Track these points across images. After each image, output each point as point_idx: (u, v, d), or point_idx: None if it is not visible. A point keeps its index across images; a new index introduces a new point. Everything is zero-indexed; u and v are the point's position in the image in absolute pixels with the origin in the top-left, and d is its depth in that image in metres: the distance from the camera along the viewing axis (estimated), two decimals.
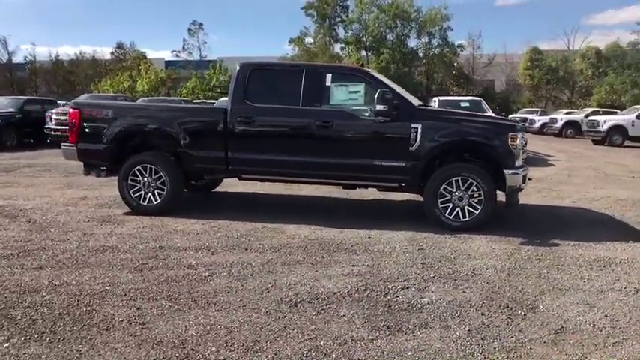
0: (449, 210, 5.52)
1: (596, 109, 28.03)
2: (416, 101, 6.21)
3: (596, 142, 20.00)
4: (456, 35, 46.05)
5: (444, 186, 5.48)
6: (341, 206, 7.09)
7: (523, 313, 3.34)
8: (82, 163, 6.36)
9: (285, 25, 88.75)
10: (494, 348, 2.86)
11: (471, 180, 5.43)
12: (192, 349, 2.78)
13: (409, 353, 2.78)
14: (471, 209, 5.49)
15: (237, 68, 5.96)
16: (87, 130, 6.07)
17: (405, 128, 5.47)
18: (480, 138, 5.50)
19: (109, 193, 7.30)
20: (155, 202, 6.00)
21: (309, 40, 43.39)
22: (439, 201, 5.52)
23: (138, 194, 6.03)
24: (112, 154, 6.05)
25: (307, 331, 3.03)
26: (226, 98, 18.43)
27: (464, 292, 3.73)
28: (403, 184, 5.70)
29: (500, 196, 5.67)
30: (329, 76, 5.70)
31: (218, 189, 7.77)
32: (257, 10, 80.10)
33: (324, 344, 2.86)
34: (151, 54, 50.05)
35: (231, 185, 7.83)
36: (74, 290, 3.61)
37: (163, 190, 5.97)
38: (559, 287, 3.86)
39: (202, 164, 5.96)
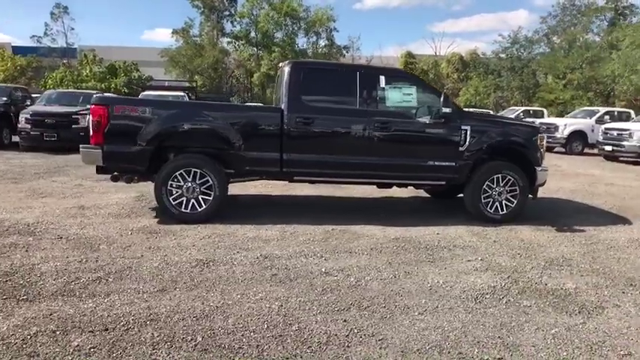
0: (489, 204, 6.07)
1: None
2: None
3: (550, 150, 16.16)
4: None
5: (487, 182, 6.01)
6: (362, 205, 7.23)
7: None
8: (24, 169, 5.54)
9: (163, 15, 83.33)
10: None
11: (509, 177, 6.04)
12: (450, 351, 2.81)
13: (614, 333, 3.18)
14: (508, 203, 6.10)
15: (288, 67, 5.74)
16: (116, 130, 5.30)
17: (456, 130, 5.86)
18: (519, 139, 6.14)
19: (102, 201, 6.52)
20: (200, 209, 5.50)
21: (194, 32, 41.46)
22: (482, 196, 6.03)
23: (178, 201, 5.47)
24: (148, 157, 5.38)
25: (541, 322, 3.25)
26: (149, 92, 17.06)
27: (597, 276, 4.24)
28: (452, 183, 6.09)
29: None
30: (382, 78, 5.81)
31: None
32: None
33: (559, 331, 3.11)
34: None
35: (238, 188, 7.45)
36: (256, 310, 3.28)
37: (209, 195, 5.50)
38: None
39: (254, 166, 5.63)
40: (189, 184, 5.44)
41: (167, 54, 39.19)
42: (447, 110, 5.60)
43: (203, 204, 5.51)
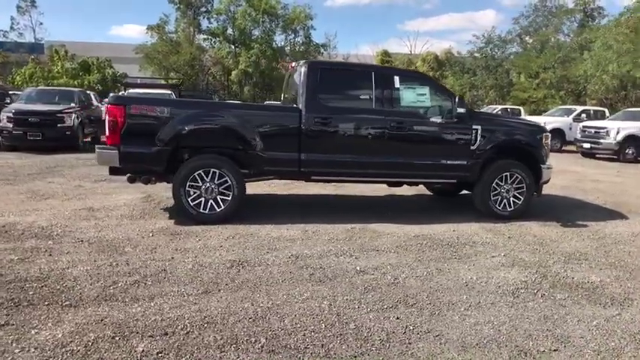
0: (498, 201, 6.25)
1: None
2: None
3: None
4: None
5: (496, 180, 6.19)
6: (369, 204, 7.30)
7: None
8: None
9: (132, 10, 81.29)
10: None
11: (517, 175, 6.23)
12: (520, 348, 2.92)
13: None
14: (515, 200, 6.30)
15: (305, 67, 5.75)
16: (134, 130, 5.21)
17: (468, 129, 6.01)
18: (526, 138, 6.34)
19: (109, 202, 6.42)
20: (219, 210, 5.47)
21: (170, 28, 40.67)
22: (492, 194, 6.21)
23: (197, 201, 5.43)
24: (166, 157, 5.31)
25: (580, 314, 3.39)
26: (135, 90, 16.80)
27: (615, 269, 4.43)
28: (463, 181, 6.24)
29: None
30: (397, 79, 5.90)
31: None
32: None
33: (600, 323, 3.26)
34: None
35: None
36: (307, 309, 3.31)
37: (227, 195, 5.48)
38: None
39: (273, 166, 5.62)
40: (208, 185, 5.40)
41: (142, 50, 38.33)
42: (462, 111, 5.73)
43: (222, 204, 5.48)
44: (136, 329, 2.97)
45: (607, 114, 18.54)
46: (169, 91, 15.22)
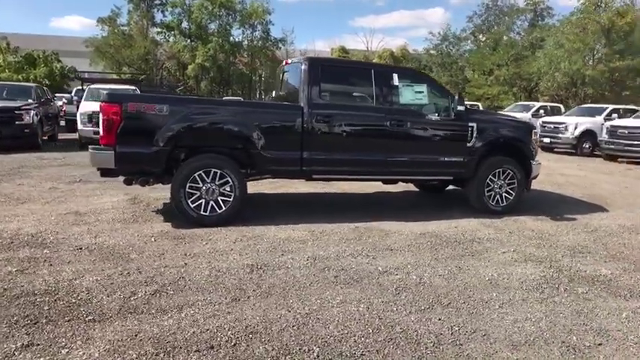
0: (491, 197, 6.39)
1: None
2: None
3: None
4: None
5: (489, 176, 6.32)
6: (360, 201, 7.27)
7: None
8: None
9: (74, 1, 77.09)
10: None
11: (509, 170, 6.39)
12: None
13: None
14: (507, 195, 6.46)
15: (305, 64, 5.62)
16: (131, 130, 4.91)
17: (464, 127, 6.10)
18: (517, 135, 6.51)
19: (94, 205, 6.04)
20: (220, 211, 5.27)
21: (122, 20, 38.98)
22: (486, 190, 6.34)
23: (196, 203, 5.20)
24: (164, 158, 5.05)
25: (607, 307, 3.49)
26: (97, 86, 15.89)
27: (618, 261, 4.61)
28: (459, 177, 6.32)
29: None
30: (395, 76, 5.89)
31: None
32: None
33: (629, 315, 3.38)
34: None
35: None
36: (347, 314, 3.22)
37: (229, 197, 5.28)
38: None
39: (276, 166, 5.47)
40: (209, 186, 5.19)
41: (93, 44, 36.56)
42: (461, 108, 5.80)
43: (223, 206, 5.28)
44: (178, 344, 2.79)
45: (562, 110, 19.47)
46: (133, 87, 14.52)
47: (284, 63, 6.60)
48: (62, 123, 17.57)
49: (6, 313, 3.09)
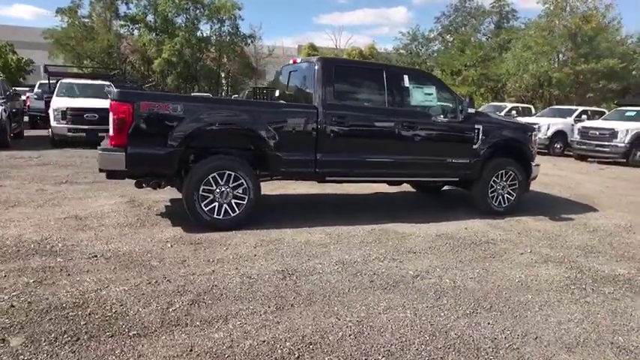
0: (494, 198, 6.52)
1: None
2: None
3: None
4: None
5: (493, 178, 6.43)
6: (360, 202, 7.26)
7: None
8: None
9: None
10: None
11: (511, 172, 6.53)
12: None
13: None
14: (509, 196, 6.60)
15: (319, 64, 5.52)
16: (144, 130, 4.68)
17: (471, 129, 6.17)
18: (519, 137, 6.65)
19: (92, 209, 5.75)
20: (233, 215, 5.12)
21: (83, 12, 37.35)
22: (489, 191, 6.45)
23: (210, 207, 5.03)
24: (177, 159, 4.85)
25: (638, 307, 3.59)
26: (69, 81, 15.19)
27: (628, 261, 4.78)
28: (465, 179, 6.39)
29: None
30: (406, 77, 5.89)
31: None
32: None
33: None
34: None
35: None
36: (397, 320, 3.18)
37: (242, 199, 5.14)
38: None
39: (291, 167, 5.35)
40: (223, 188, 5.03)
41: (52, 35, 34.90)
42: (472, 111, 5.87)
43: (236, 209, 5.13)
44: (239, 358, 2.67)
45: (533, 111, 20.14)
46: (108, 82, 13.91)
47: (291, 62, 6.47)
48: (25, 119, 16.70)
49: (41, 329, 2.88)
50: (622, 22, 33.45)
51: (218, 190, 5.01)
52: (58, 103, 12.00)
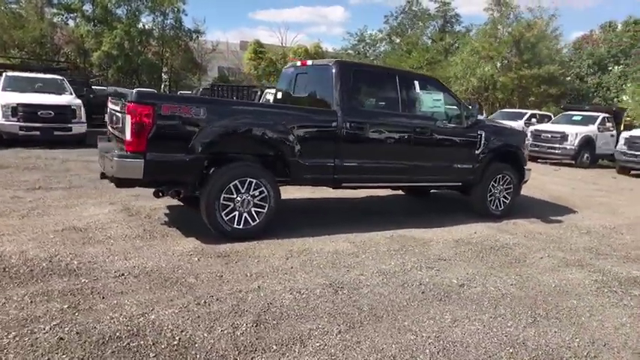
0: (492, 202, 6.72)
1: None
2: None
3: None
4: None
5: (491, 182, 6.63)
6: (358, 206, 7.21)
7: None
8: None
9: None
10: None
11: (507, 176, 6.76)
12: None
13: None
14: (504, 200, 6.83)
15: (335, 67, 5.36)
16: (164, 135, 4.33)
17: (475, 135, 6.31)
18: (516, 143, 6.89)
19: (85, 219, 5.30)
20: (254, 224, 4.88)
21: None
22: (488, 195, 6.64)
23: (230, 216, 4.76)
24: (200, 167, 4.54)
25: None
26: (17, 74, 13.98)
27: (636, 262, 5.07)
28: (467, 183, 6.52)
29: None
30: (417, 83, 5.90)
31: None
32: None
33: None
34: None
35: None
36: (480, 332, 3.15)
37: (263, 207, 4.92)
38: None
39: (312, 174, 5.18)
40: (244, 196, 4.78)
41: None
42: (481, 117, 5.98)
43: (256, 217, 4.89)
44: None
45: (484, 114, 21.08)
46: (60, 77, 12.80)
47: (298, 63, 6.26)
48: None
49: None
50: (562, 33, 35.95)
51: (239, 199, 4.75)
52: (6, 98, 10.92)
